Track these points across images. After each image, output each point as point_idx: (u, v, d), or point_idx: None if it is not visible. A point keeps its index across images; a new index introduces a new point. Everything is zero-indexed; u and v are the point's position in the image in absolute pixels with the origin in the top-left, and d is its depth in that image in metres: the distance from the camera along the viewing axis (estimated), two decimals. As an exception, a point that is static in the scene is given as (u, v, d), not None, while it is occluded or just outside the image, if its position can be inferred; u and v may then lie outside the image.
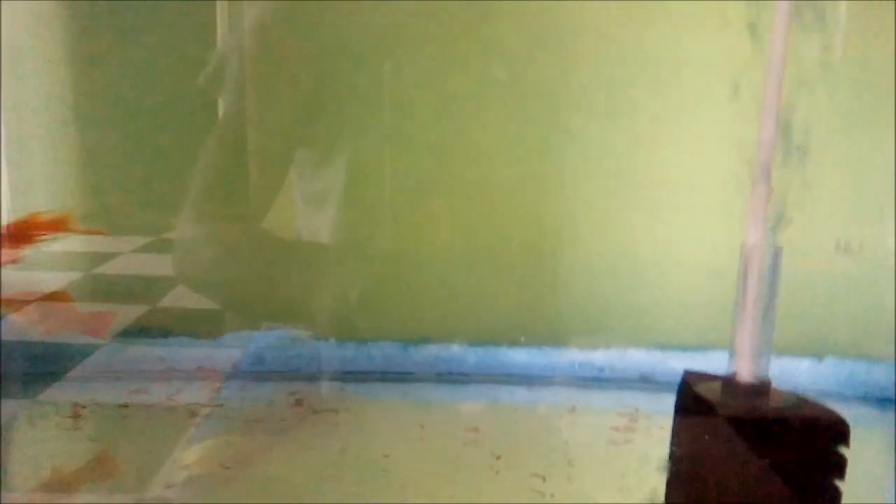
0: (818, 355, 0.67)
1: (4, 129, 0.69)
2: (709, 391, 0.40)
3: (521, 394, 0.64)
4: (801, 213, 0.71)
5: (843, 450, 0.37)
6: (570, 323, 0.69)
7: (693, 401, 0.39)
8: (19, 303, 0.60)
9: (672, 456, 0.38)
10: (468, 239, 0.69)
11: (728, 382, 0.40)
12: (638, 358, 0.67)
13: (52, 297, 0.59)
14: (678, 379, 0.41)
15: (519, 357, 0.67)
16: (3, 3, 0.67)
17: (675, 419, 0.39)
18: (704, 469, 0.38)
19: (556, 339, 0.68)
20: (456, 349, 0.67)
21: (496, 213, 0.69)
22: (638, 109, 0.67)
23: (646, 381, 0.65)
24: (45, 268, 0.74)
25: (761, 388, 0.39)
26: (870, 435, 0.61)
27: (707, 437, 0.38)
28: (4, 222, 0.73)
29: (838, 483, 0.37)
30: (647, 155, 0.68)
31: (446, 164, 0.68)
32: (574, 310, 0.69)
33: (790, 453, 0.37)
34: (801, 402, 0.39)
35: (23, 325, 0.59)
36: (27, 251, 0.54)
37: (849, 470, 0.53)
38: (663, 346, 0.67)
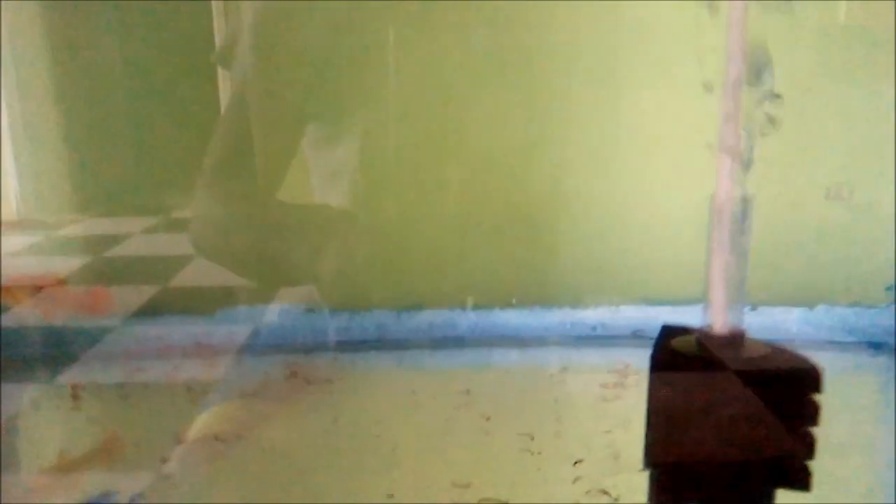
0: (810, 304, 0.67)
1: (7, 117, 0.71)
2: (684, 343, 0.40)
3: (513, 355, 0.65)
4: (788, 162, 0.71)
5: (815, 396, 0.38)
6: (562, 283, 0.70)
7: (668, 354, 0.40)
8: (18, 292, 0.62)
9: (649, 409, 0.39)
10: (458, 205, 0.70)
11: (703, 334, 0.40)
12: (629, 314, 0.68)
13: (46, 282, 0.60)
14: (669, 334, 0.41)
15: (512, 319, 0.68)
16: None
17: (651, 373, 0.39)
18: (681, 420, 0.39)
19: (548, 300, 0.69)
20: (449, 314, 0.68)
21: (485, 180, 0.69)
22: (618, 72, 0.67)
23: (638, 338, 0.66)
24: (58, 253, 0.75)
25: (735, 339, 0.40)
26: (861, 379, 0.62)
27: (682, 389, 0.39)
28: (14, 208, 0.75)
29: (812, 429, 0.38)
30: (630, 116, 0.68)
31: (436, 136, 0.69)
32: (565, 269, 0.70)
33: (763, 400, 0.38)
34: (775, 350, 0.40)
35: (20, 312, 0.60)
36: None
37: (841, 411, 0.54)
38: (654, 302, 0.68)
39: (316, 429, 0.51)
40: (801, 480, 0.38)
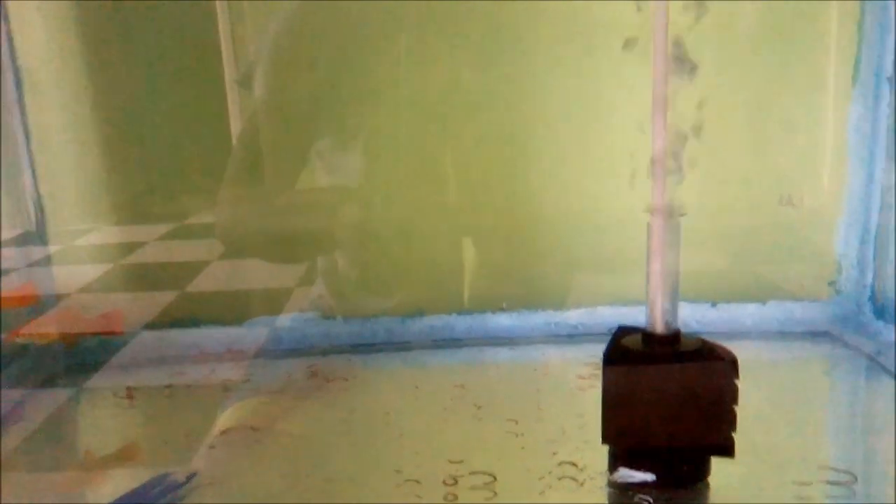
0: (762, 300, 0.76)
1: (24, 129, 0.74)
2: (631, 341, 0.50)
3: (503, 353, 0.74)
4: (746, 173, 0.79)
5: (735, 380, 0.47)
6: (546, 288, 0.78)
7: (618, 349, 0.49)
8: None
9: (604, 394, 0.48)
10: (451, 221, 0.78)
11: (646, 333, 0.49)
12: (605, 314, 0.76)
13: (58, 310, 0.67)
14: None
15: (502, 321, 0.77)
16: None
17: (604, 366, 0.48)
18: (629, 402, 0.48)
19: (534, 303, 0.78)
20: (447, 318, 0.77)
21: (473, 198, 0.78)
22: (591, 87, 0.75)
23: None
24: (76, 263, 0.80)
25: (672, 337, 0.49)
26: (805, 364, 0.71)
27: (629, 379, 0.48)
28: (33, 219, 0.79)
29: (734, 405, 0.47)
30: (602, 129, 0.76)
31: (429, 156, 0.77)
32: (548, 276, 0.78)
33: (694, 386, 0.47)
34: (704, 345, 0.49)
35: (42, 338, 0.67)
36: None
37: (788, 388, 0.64)
38: (628, 303, 0.76)
39: (335, 418, 0.61)
40: (727, 449, 0.47)
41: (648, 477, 0.47)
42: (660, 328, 0.48)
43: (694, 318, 0.75)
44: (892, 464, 0.50)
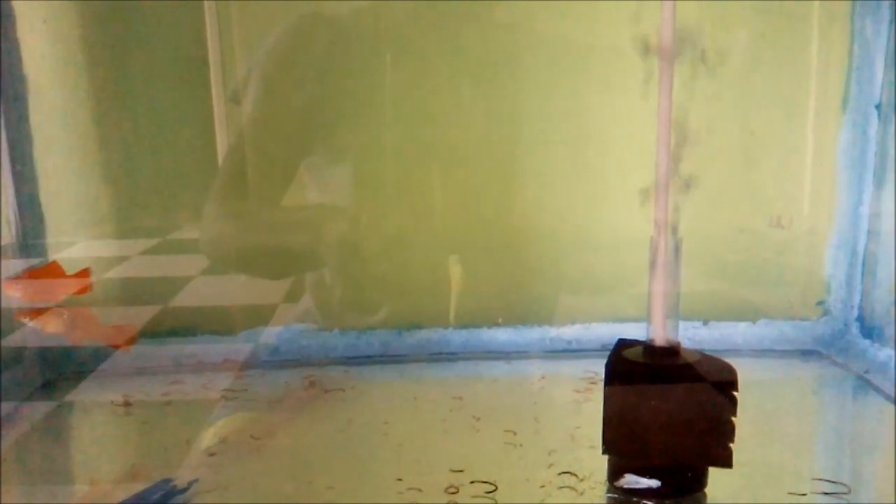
0: (753, 319, 0.77)
1: (6, 141, 0.73)
2: (632, 353, 0.51)
3: (499, 367, 0.74)
4: (737, 195, 0.81)
5: (733, 392, 0.48)
6: (542, 304, 0.79)
7: (620, 360, 0.50)
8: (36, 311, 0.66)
9: (606, 404, 0.49)
10: (450, 236, 0.79)
11: (647, 346, 0.50)
12: (600, 331, 0.77)
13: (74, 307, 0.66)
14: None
15: (499, 336, 0.78)
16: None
17: (605, 377, 0.49)
18: (630, 413, 0.48)
19: (530, 319, 0.79)
20: (443, 332, 0.78)
21: (472, 214, 0.79)
22: (586, 111, 0.77)
23: (606, 351, 0.75)
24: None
25: (672, 349, 0.50)
26: (794, 380, 0.72)
27: (630, 389, 0.49)
28: (13, 231, 0.78)
29: (732, 417, 0.48)
30: (598, 151, 0.78)
31: (427, 174, 0.78)
32: (544, 292, 0.79)
33: (695, 397, 0.48)
34: (703, 357, 0.50)
35: (47, 335, 0.67)
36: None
37: (779, 405, 0.65)
38: (621, 320, 0.77)
39: (334, 427, 0.61)
40: (725, 460, 0.48)
41: (654, 483, 0.48)
42: (661, 340, 0.49)
43: (686, 336, 0.75)
44: (884, 476, 0.52)
